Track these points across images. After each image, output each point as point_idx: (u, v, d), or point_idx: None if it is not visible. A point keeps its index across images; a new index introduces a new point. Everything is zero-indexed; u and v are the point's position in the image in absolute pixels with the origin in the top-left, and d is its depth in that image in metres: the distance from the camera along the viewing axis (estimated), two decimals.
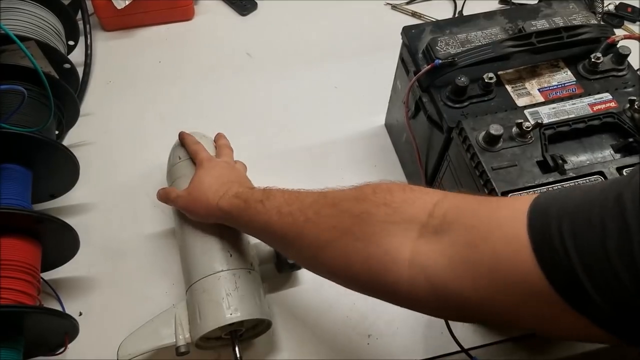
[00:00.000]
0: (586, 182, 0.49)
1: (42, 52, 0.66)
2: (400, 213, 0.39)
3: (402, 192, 0.41)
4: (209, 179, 0.57)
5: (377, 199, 0.41)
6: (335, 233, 0.42)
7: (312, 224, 0.44)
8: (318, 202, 0.45)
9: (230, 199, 0.53)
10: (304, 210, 0.45)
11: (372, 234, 0.40)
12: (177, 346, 0.52)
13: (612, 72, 0.58)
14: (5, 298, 0.49)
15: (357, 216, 0.41)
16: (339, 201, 0.43)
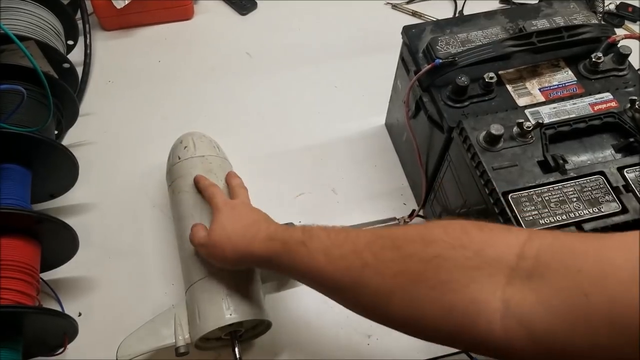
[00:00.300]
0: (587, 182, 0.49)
1: (42, 51, 0.66)
2: (482, 257, 0.35)
3: (480, 232, 0.37)
4: (232, 223, 0.52)
5: (451, 241, 0.36)
6: (403, 280, 0.37)
7: (372, 271, 0.39)
8: (375, 244, 0.39)
9: (264, 242, 0.47)
10: (359, 253, 0.40)
11: (450, 281, 0.35)
12: (177, 347, 0.52)
13: (613, 71, 0.58)
14: (4, 298, 0.49)
15: (428, 262, 0.36)
16: (402, 243, 0.38)
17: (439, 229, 0.38)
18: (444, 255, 0.36)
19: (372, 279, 0.39)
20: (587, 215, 0.47)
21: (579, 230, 0.46)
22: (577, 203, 0.48)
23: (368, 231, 0.42)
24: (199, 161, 0.63)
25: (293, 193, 0.73)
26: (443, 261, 0.36)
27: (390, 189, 0.74)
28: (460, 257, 0.35)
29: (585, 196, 0.48)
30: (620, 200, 0.48)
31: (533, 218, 0.47)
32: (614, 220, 0.47)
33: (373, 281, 0.39)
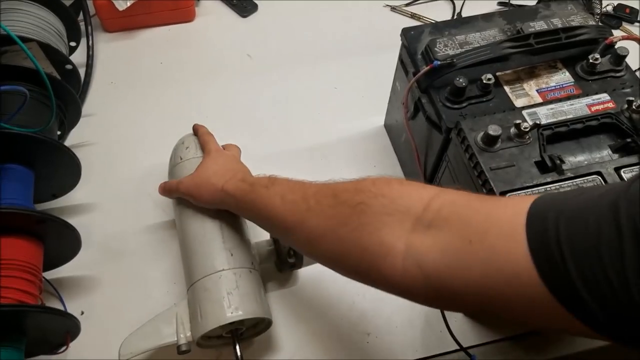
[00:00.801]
0: (584, 182, 0.49)
1: (44, 53, 0.66)
2: (396, 205, 0.40)
3: (400, 185, 0.43)
4: (215, 166, 0.59)
5: (375, 191, 0.42)
6: (334, 223, 0.43)
7: (313, 213, 0.45)
8: (320, 192, 0.46)
9: (236, 182, 0.55)
10: (306, 198, 0.46)
11: (368, 224, 0.41)
12: (179, 345, 0.53)
13: (610, 72, 0.58)
14: (7, 297, 0.50)
15: (354, 207, 0.42)
16: (340, 192, 0.44)
17: (369, 181, 0.44)
18: (366, 202, 0.41)
19: (311, 220, 0.45)
20: None
21: None
22: None
23: (320, 183, 0.48)
24: (200, 161, 0.64)
25: None
26: (365, 207, 0.41)
27: None
28: (379, 205, 0.41)
29: None
30: None
31: None
32: None
33: (312, 222, 0.45)
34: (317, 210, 0.45)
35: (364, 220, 0.41)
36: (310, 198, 0.46)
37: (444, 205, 0.39)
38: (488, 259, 0.34)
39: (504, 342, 0.61)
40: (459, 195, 0.40)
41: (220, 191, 0.55)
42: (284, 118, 0.82)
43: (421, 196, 0.40)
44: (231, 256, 0.56)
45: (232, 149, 0.67)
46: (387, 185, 0.42)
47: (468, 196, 0.40)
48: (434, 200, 0.39)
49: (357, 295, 0.64)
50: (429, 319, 0.62)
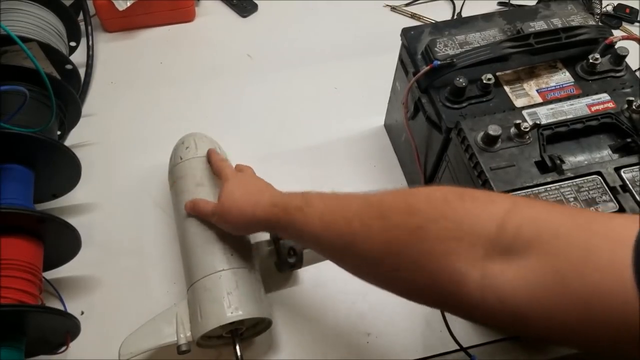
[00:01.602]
0: (584, 182, 0.49)
1: (44, 53, 0.66)
2: (462, 228, 0.35)
3: (461, 202, 0.37)
4: (239, 190, 0.55)
5: (433, 212, 0.37)
6: (391, 249, 0.39)
7: (360, 237, 0.40)
8: (363, 212, 0.41)
9: (266, 207, 0.50)
10: (348, 220, 0.41)
11: (432, 252, 0.36)
12: (179, 345, 0.53)
13: (610, 72, 0.58)
14: (7, 297, 0.50)
15: (411, 232, 0.37)
16: (388, 212, 0.39)
17: (422, 199, 0.38)
18: (425, 227, 0.37)
19: (362, 246, 0.40)
20: None
21: None
22: (575, 203, 0.48)
23: (359, 198, 0.43)
24: (200, 161, 0.64)
25: None
26: (425, 232, 0.36)
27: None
28: (442, 229, 0.36)
29: (583, 196, 0.49)
30: (618, 200, 0.48)
31: None
32: None
33: (363, 247, 0.40)
34: (364, 234, 0.40)
35: (426, 247, 0.36)
36: (354, 219, 0.41)
37: (524, 224, 0.33)
38: (588, 302, 0.29)
39: (504, 342, 0.61)
40: (540, 209, 0.35)
41: (253, 218, 0.51)
42: (284, 118, 0.81)
43: (492, 213, 0.35)
44: (231, 256, 0.56)
45: (246, 170, 0.63)
46: (446, 205, 0.37)
47: (551, 211, 0.34)
48: (509, 217, 0.34)
49: (357, 295, 0.64)
50: (429, 319, 0.62)
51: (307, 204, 0.46)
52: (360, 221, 0.41)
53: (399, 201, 0.40)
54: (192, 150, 0.65)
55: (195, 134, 0.67)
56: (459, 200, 0.37)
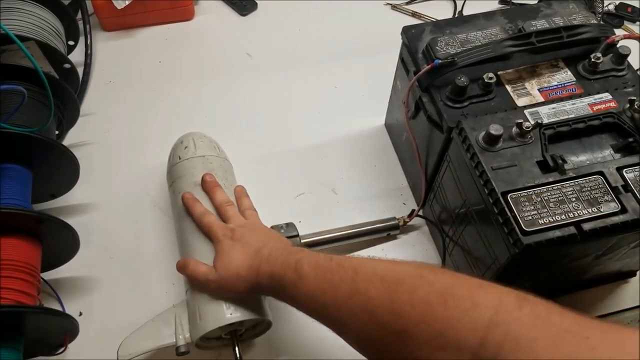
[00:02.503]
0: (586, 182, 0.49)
1: (42, 52, 0.66)
2: (445, 337, 0.35)
3: (444, 307, 0.36)
4: (236, 256, 0.52)
5: (416, 316, 0.36)
6: (378, 347, 0.39)
7: (349, 326, 0.41)
8: (352, 300, 0.41)
9: (267, 279, 0.49)
10: (338, 305, 0.42)
11: (417, 358, 0.36)
12: (177, 346, 0.52)
13: (612, 72, 0.58)
14: (5, 298, 0.49)
15: (398, 334, 0.37)
16: (374, 309, 0.39)
17: (406, 299, 0.38)
18: (409, 332, 0.36)
19: (350, 334, 0.42)
20: (586, 215, 0.47)
21: (578, 230, 0.47)
22: (576, 203, 0.48)
23: (348, 280, 0.42)
24: (199, 161, 0.64)
25: (293, 193, 0.73)
26: (409, 338, 0.36)
27: (390, 189, 0.74)
28: (425, 336, 0.36)
29: (585, 196, 0.48)
30: (620, 200, 0.48)
31: (532, 218, 0.47)
32: (613, 220, 0.47)
33: (351, 335, 0.42)
34: (353, 324, 0.41)
35: (412, 352, 0.36)
36: (343, 308, 0.41)
37: (505, 342, 0.32)
38: None
39: None
40: (523, 322, 0.33)
41: (257, 287, 0.50)
42: (284, 117, 0.81)
43: (474, 324, 0.34)
44: None
45: (249, 217, 0.58)
46: (429, 308, 0.36)
47: (534, 327, 0.32)
48: (492, 332, 0.33)
49: None
50: None
51: (300, 279, 0.45)
52: (349, 311, 0.41)
53: (384, 297, 0.39)
54: (191, 149, 0.65)
55: (194, 134, 0.67)
56: (442, 303, 0.36)
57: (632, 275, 0.66)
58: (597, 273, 0.61)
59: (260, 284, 0.50)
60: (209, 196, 0.60)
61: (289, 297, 0.47)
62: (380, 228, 0.68)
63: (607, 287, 0.65)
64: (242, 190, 0.63)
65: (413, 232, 0.71)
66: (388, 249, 0.69)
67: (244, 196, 0.62)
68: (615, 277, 0.65)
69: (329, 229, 0.67)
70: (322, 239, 0.66)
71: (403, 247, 0.69)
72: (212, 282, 0.52)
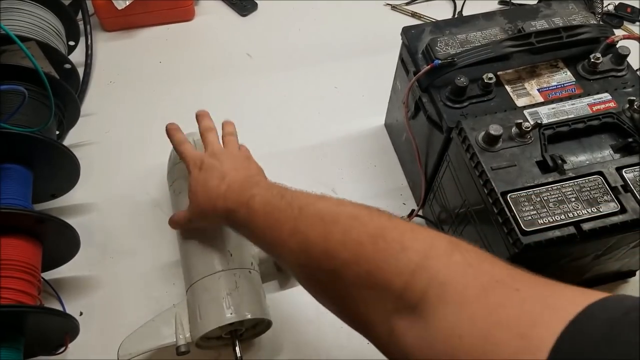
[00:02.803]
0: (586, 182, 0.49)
1: (43, 52, 0.66)
2: (373, 278, 0.35)
3: (374, 247, 0.36)
4: (199, 187, 0.54)
5: (347, 255, 0.37)
6: (315, 286, 0.41)
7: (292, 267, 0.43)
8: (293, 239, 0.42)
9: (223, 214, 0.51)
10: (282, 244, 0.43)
11: (348, 297, 0.37)
12: (178, 346, 0.52)
13: (612, 72, 0.58)
14: (5, 298, 0.50)
15: (329, 273, 0.38)
16: (311, 247, 0.40)
17: (339, 238, 0.38)
18: (340, 272, 0.37)
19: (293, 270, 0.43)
20: (585, 215, 0.47)
21: (578, 230, 0.47)
22: (576, 203, 0.48)
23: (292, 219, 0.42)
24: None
25: None
26: (340, 277, 0.37)
27: (390, 189, 0.74)
28: (354, 276, 0.36)
29: (584, 196, 0.48)
30: (619, 200, 0.48)
31: (532, 218, 0.47)
32: (613, 220, 0.47)
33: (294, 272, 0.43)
34: (293, 262, 0.42)
35: (342, 292, 0.37)
36: (284, 243, 0.42)
37: (431, 287, 0.32)
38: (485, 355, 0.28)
39: None
40: (455, 267, 0.33)
41: (212, 213, 0.52)
42: (284, 117, 0.81)
43: (400, 267, 0.34)
44: (230, 256, 0.56)
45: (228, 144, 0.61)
46: (360, 248, 0.36)
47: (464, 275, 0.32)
48: (418, 276, 0.33)
49: None
50: None
51: (250, 216, 0.47)
52: (289, 249, 0.42)
53: (320, 237, 0.39)
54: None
55: (195, 134, 0.67)
56: (372, 244, 0.36)
57: (632, 275, 0.66)
58: (597, 273, 0.61)
59: (218, 216, 0.52)
60: (197, 123, 0.63)
61: (243, 231, 0.50)
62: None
63: (607, 287, 0.66)
64: (229, 121, 0.65)
65: None
66: None
67: (227, 123, 0.64)
68: (615, 277, 0.65)
69: None
70: None
71: None
72: (193, 215, 0.55)
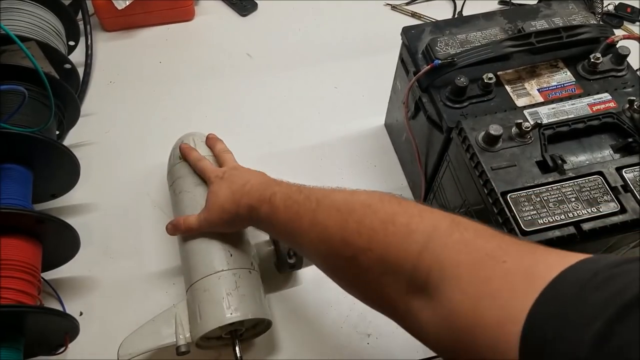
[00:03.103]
0: (585, 182, 0.49)
1: (43, 52, 0.66)
2: (386, 263, 0.37)
3: (384, 232, 0.38)
4: (223, 191, 0.56)
5: (362, 243, 0.39)
6: (335, 272, 0.44)
7: (313, 256, 0.46)
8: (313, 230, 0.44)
9: (245, 211, 0.53)
10: (302, 235, 0.45)
11: (367, 281, 0.40)
12: (178, 346, 0.52)
13: (612, 72, 0.58)
14: (5, 298, 0.50)
15: (347, 259, 0.40)
16: (329, 237, 0.42)
17: (354, 227, 0.40)
18: (358, 258, 0.39)
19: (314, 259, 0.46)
20: (585, 215, 0.47)
21: (577, 230, 0.47)
22: (576, 203, 0.48)
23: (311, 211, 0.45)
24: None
25: None
26: (357, 263, 0.39)
27: (390, 189, 0.74)
28: (370, 261, 0.38)
29: (584, 196, 0.48)
30: (619, 200, 0.48)
31: (532, 218, 0.47)
32: (613, 220, 0.47)
33: (316, 260, 0.46)
34: (314, 251, 0.45)
35: (362, 277, 0.40)
36: (305, 234, 0.45)
37: (432, 268, 0.34)
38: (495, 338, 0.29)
39: None
40: (454, 246, 0.35)
41: (236, 216, 0.54)
42: (284, 117, 0.81)
43: (408, 250, 0.36)
44: (230, 256, 0.56)
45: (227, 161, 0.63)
46: (373, 234, 0.39)
47: (458, 252, 0.34)
48: (422, 258, 0.35)
49: None
50: None
51: (272, 210, 0.49)
52: (310, 240, 0.44)
53: (337, 226, 0.42)
54: None
55: (195, 134, 0.67)
56: (383, 230, 0.38)
57: None
58: None
59: (240, 215, 0.53)
60: (210, 147, 0.65)
61: (266, 227, 0.52)
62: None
63: None
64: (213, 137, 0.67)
65: None
66: None
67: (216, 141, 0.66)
68: None
69: None
70: None
71: None
72: (203, 222, 0.56)
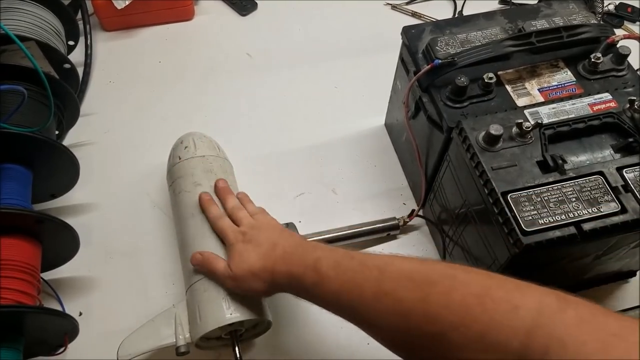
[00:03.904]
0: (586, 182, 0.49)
1: (42, 52, 0.66)
2: (486, 340, 0.34)
3: (482, 308, 0.35)
4: (249, 255, 0.51)
5: (453, 318, 0.35)
6: (414, 350, 0.39)
7: (382, 330, 0.41)
8: (381, 302, 0.40)
9: (284, 279, 0.48)
10: (366, 308, 0.41)
11: None
12: (177, 346, 0.52)
13: (612, 72, 0.58)
14: (5, 298, 0.49)
15: (433, 338, 0.36)
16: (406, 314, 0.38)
17: (441, 303, 0.36)
18: (448, 335, 0.35)
19: (383, 334, 0.41)
20: (586, 215, 0.47)
21: (578, 230, 0.47)
22: (577, 203, 0.48)
23: (374, 280, 0.41)
24: (199, 161, 0.64)
25: (293, 193, 0.73)
26: (447, 341, 0.35)
27: (390, 189, 0.74)
28: (465, 339, 0.35)
29: (585, 196, 0.48)
30: (620, 200, 0.48)
31: (532, 218, 0.47)
32: (613, 220, 0.47)
33: (385, 336, 0.41)
34: (383, 325, 0.40)
35: (452, 353, 0.35)
36: (370, 306, 0.40)
37: (551, 346, 0.31)
38: None
39: None
40: (570, 322, 0.32)
41: (274, 285, 0.50)
42: (284, 117, 0.81)
43: (515, 327, 0.33)
44: None
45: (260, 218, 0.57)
46: (467, 310, 0.35)
47: (580, 331, 0.32)
48: (535, 335, 0.32)
49: None
50: None
51: (321, 279, 0.44)
52: (377, 313, 0.40)
53: (416, 299, 0.38)
54: (191, 149, 0.65)
55: (194, 134, 0.67)
56: (479, 305, 0.35)
57: (632, 275, 0.66)
58: (597, 273, 0.61)
59: (277, 283, 0.49)
60: (221, 201, 0.60)
61: (311, 297, 0.47)
62: (380, 228, 0.68)
63: (607, 287, 0.65)
64: (246, 196, 0.62)
65: (413, 232, 0.71)
66: (388, 249, 0.69)
67: (248, 202, 0.61)
68: (615, 277, 0.65)
69: (329, 229, 0.67)
70: (322, 239, 0.66)
71: (403, 247, 0.69)
72: (229, 279, 0.52)
